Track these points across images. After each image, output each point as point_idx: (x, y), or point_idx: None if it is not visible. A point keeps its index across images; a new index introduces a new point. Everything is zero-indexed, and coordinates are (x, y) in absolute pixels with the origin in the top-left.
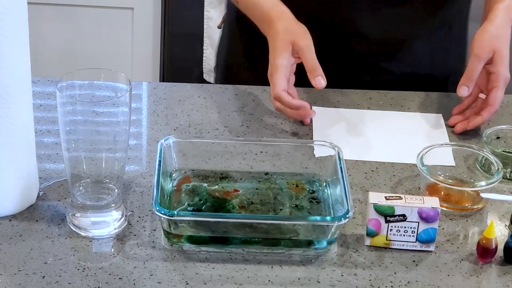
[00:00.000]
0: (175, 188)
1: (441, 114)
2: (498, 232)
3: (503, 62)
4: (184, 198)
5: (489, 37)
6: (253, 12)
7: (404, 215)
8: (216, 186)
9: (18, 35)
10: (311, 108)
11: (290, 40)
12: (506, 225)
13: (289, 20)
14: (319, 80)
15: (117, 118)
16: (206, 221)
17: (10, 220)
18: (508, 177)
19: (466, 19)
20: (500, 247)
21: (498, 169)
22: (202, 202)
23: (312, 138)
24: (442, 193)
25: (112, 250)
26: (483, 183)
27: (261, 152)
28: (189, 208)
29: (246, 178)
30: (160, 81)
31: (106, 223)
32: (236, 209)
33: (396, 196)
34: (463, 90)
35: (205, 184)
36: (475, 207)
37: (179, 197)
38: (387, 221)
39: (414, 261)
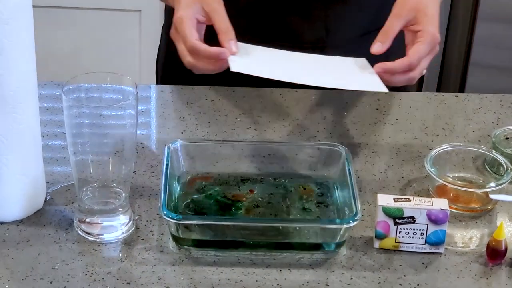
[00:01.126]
0: (183, 191)
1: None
2: (508, 234)
3: (429, 20)
4: (191, 200)
5: None
6: None
7: (413, 217)
8: (224, 189)
9: (23, 39)
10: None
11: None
12: None
13: None
14: (232, 44)
15: (124, 121)
16: (214, 224)
17: (18, 225)
18: None
19: None
20: (510, 249)
21: (507, 170)
22: (208, 204)
23: (317, 138)
24: (451, 194)
25: (120, 254)
26: (492, 184)
27: (269, 154)
28: (192, 207)
29: (254, 181)
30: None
31: (114, 228)
32: (243, 212)
33: (404, 198)
34: (376, 46)
35: (212, 187)
36: (485, 208)
37: (187, 200)
38: (396, 223)
39: (423, 263)
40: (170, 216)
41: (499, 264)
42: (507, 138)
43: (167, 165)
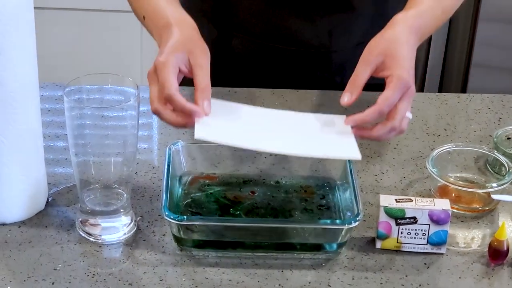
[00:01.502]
0: (184, 192)
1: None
2: (510, 234)
3: (398, 64)
4: (192, 200)
5: (381, 40)
6: (146, 8)
7: (414, 218)
8: (225, 190)
9: (25, 40)
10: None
11: (187, 48)
12: None
13: (192, 30)
14: (206, 105)
15: (125, 122)
16: (215, 225)
17: (20, 227)
18: None
19: None
20: None
21: (509, 170)
22: (209, 203)
23: None
24: (453, 194)
25: (122, 255)
26: (494, 184)
27: (270, 155)
28: (192, 206)
29: (256, 182)
30: None
31: (116, 229)
32: (245, 213)
33: (406, 199)
34: (345, 98)
35: (213, 187)
36: (486, 208)
37: (188, 200)
38: (397, 224)
39: (425, 263)
40: (171, 217)
41: (501, 264)
42: (508, 138)
43: (168, 166)
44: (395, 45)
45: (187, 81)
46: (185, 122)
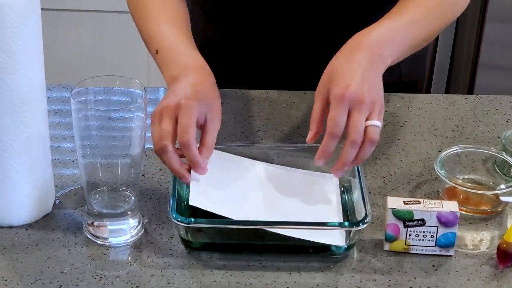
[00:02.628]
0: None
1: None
2: None
3: (335, 83)
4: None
5: (326, 70)
6: (162, 44)
7: (423, 220)
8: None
9: (32, 42)
10: None
11: (208, 103)
12: None
13: (211, 79)
14: (206, 163)
15: (132, 124)
16: (223, 228)
17: (27, 229)
18: None
19: None
20: None
21: None
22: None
23: None
24: (461, 196)
25: (129, 258)
26: (502, 186)
27: (278, 157)
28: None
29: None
30: None
31: (123, 231)
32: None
33: (414, 201)
34: (310, 137)
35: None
36: (495, 210)
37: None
38: (406, 226)
39: (433, 265)
40: (179, 219)
41: (510, 266)
42: None
43: None
44: (339, 64)
45: None
46: (185, 174)
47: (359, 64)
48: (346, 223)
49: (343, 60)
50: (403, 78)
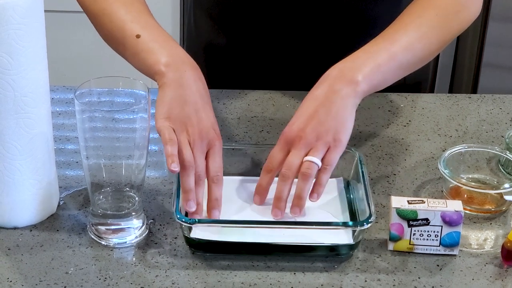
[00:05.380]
0: None
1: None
2: None
3: (294, 115)
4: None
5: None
6: (143, 30)
7: (427, 219)
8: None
9: (35, 44)
10: None
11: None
12: None
13: (202, 76)
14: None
15: (136, 125)
16: (228, 228)
17: (31, 230)
18: None
19: None
20: None
21: None
22: None
23: None
24: (465, 195)
25: (134, 258)
26: (506, 185)
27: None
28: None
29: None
30: None
31: (127, 232)
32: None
33: (418, 200)
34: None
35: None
36: (499, 209)
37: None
38: (410, 226)
39: (438, 265)
40: (183, 219)
41: None
42: None
43: None
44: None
45: None
46: (193, 199)
47: (315, 99)
48: (351, 223)
49: (306, 97)
50: (406, 79)
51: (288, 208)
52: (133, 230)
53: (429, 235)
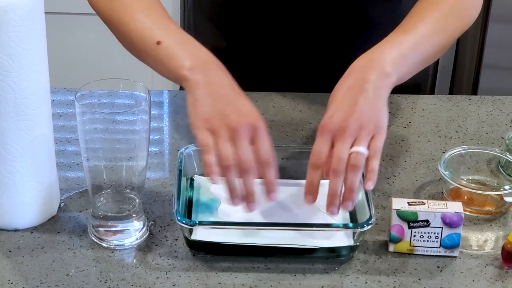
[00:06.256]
0: (197, 197)
1: None
2: None
3: (329, 106)
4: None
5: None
6: (163, 36)
7: (427, 221)
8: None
9: (36, 46)
10: None
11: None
12: None
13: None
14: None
15: (136, 127)
16: (228, 230)
17: (32, 232)
18: None
19: None
20: None
21: None
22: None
23: None
24: (465, 197)
25: (134, 260)
26: (507, 187)
27: (282, 159)
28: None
29: None
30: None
31: (128, 234)
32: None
33: (419, 202)
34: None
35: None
36: (499, 211)
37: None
38: (410, 227)
39: (438, 266)
40: (184, 221)
41: None
42: None
43: (180, 170)
44: (330, 98)
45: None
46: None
47: (350, 90)
48: (351, 224)
49: (337, 87)
50: (406, 81)
51: (286, 213)
52: (134, 232)
53: (429, 237)
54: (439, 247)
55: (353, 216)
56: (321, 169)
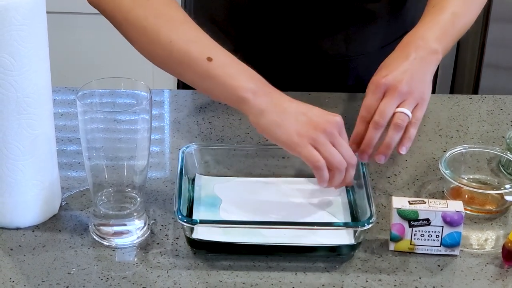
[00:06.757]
0: (198, 195)
1: None
2: None
3: (377, 71)
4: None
5: (380, 65)
6: (212, 52)
7: (428, 220)
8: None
9: (37, 45)
10: None
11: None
12: None
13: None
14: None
15: (138, 126)
16: (229, 228)
17: (33, 231)
18: None
19: None
20: None
21: None
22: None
23: None
24: (466, 196)
25: (135, 259)
26: (507, 185)
27: (283, 157)
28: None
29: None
30: (178, 88)
31: (129, 232)
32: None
33: (419, 200)
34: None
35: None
36: (500, 210)
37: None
38: (411, 226)
39: (439, 265)
40: (185, 220)
41: None
42: None
43: (181, 169)
44: (382, 65)
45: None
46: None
47: (405, 58)
48: (352, 223)
49: (391, 57)
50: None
51: (288, 212)
52: (135, 230)
53: (430, 236)
54: (440, 246)
55: (353, 215)
56: (368, 123)
